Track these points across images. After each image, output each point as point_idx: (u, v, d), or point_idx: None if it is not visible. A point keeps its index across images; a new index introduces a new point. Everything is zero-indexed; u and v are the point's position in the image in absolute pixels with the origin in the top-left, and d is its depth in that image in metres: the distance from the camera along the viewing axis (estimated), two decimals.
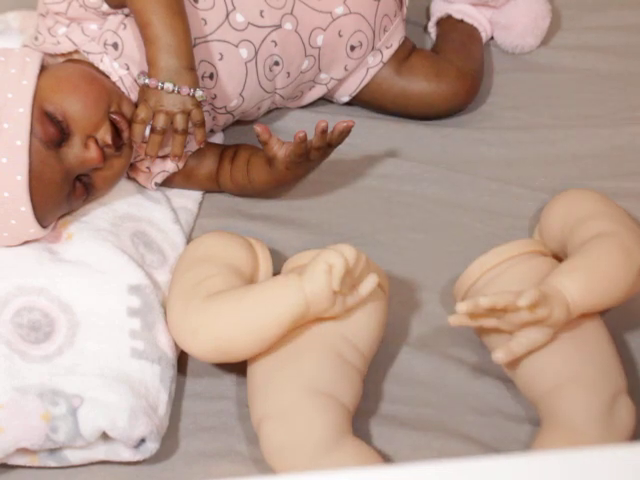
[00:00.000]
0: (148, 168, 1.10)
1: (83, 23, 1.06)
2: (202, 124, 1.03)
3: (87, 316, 0.99)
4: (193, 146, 1.10)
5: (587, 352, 0.96)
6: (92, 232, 1.04)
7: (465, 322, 0.94)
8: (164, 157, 1.09)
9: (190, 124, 1.02)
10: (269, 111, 1.22)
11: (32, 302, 0.98)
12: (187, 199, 1.14)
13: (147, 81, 1.01)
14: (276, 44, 1.12)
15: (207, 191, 1.16)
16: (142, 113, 1.01)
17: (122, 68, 1.05)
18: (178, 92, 1.01)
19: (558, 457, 0.61)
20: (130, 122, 1.02)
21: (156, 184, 1.11)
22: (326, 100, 1.25)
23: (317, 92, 1.21)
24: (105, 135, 1.01)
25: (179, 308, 0.97)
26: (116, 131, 1.02)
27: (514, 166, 1.20)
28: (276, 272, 1.04)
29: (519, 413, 0.99)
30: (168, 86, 1.00)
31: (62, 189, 1.00)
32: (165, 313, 1.00)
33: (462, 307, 0.92)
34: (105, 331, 0.98)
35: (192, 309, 0.95)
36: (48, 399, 0.92)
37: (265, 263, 1.03)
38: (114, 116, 1.02)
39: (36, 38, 1.08)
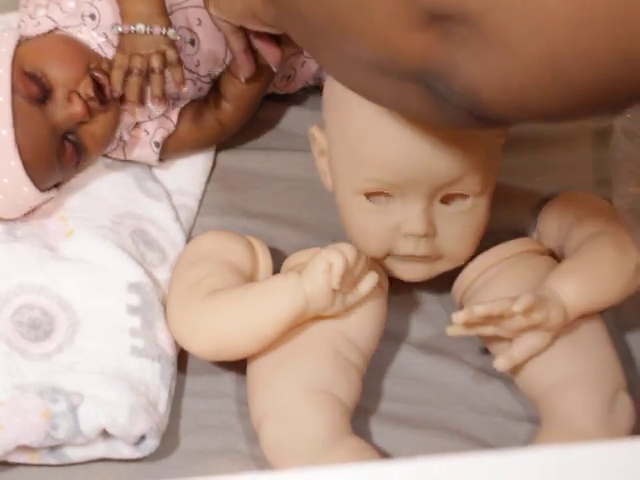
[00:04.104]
0: (146, 131, 1.11)
1: (61, 2, 1.09)
2: (179, 63, 1.05)
3: (87, 314, 0.99)
4: (180, 104, 1.11)
5: (586, 350, 0.96)
6: (92, 230, 1.04)
7: (463, 332, 0.94)
8: (156, 119, 1.10)
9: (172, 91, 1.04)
10: (267, 109, 1.21)
11: (32, 300, 0.98)
12: (187, 197, 1.14)
13: (120, 28, 1.04)
14: None
15: (213, 142, 1.17)
16: (118, 59, 1.04)
17: (100, 37, 1.08)
18: (150, 33, 1.03)
19: (557, 453, 0.61)
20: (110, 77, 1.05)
21: (157, 144, 1.11)
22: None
23: (309, 70, 1.20)
24: (87, 88, 1.03)
25: (179, 306, 0.97)
26: (98, 88, 1.04)
27: (514, 166, 1.20)
28: (276, 270, 1.04)
29: (518, 411, 0.99)
30: (140, 27, 1.03)
31: (50, 145, 1.02)
32: (165, 311, 1.00)
33: (458, 317, 0.92)
34: (105, 329, 0.98)
35: (191, 307, 0.96)
36: (48, 397, 0.92)
37: (265, 262, 1.03)
38: (95, 72, 1.04)
39: (19, 26, 1.11)
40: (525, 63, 0.62)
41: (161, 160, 1.14)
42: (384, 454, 0.95)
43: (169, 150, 1.13)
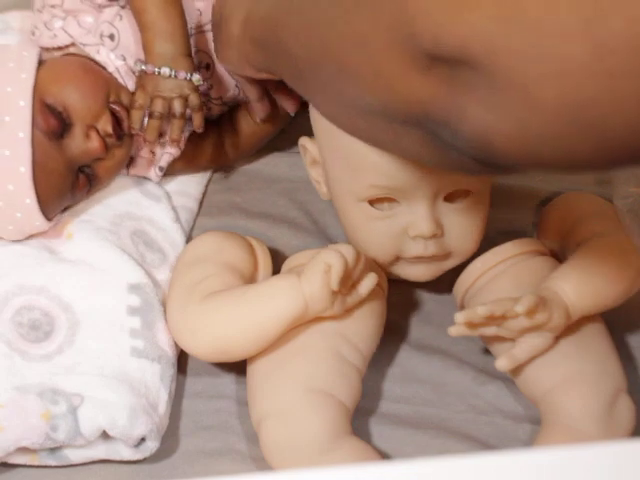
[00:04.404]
0: (152, 152, 1.11)
1: (79, 16, 1.07)
2: (200, 109, 1.04)
3: (87, 315, 0.99)
4: (190, 128, 1.10)
5: (587, 351, 0.96)
6: (92, 231, 1.04)
7: (465, 332, 0.94)
8: (164, 145, 1.10)
9: (188, 110, 1.03)
10: None
11: (32, 301, 0.98)
12: (187, 198, 1.14)
13: (144, 67, 1.02)
14: None
15: (215, 167, 1.17)
16: (140, 99, 1.02)
17: (118, 59, 1.06)
18: (175, 77, 1.01)
19: (557, 454, 0.61)
20: (129, 111, 1.03)
21: (161, 169, 1.11)
22: None
23: None
24: (106, 125, 1.02)
25: (178, 308, 0.97)
26: (116, 121, 1.03)
27: None
28: (276, 271, 1.04)
29: (518, 412, 0.99)
30: (165, 71, 1.01)
31: (66, 180, 1.01)
32: (165, 312, 1.00)
33: (460, 317, 0.92)
34: (105, 330, 0.98)
35: (191, 309, 0.95)
36: (48, 398, 0.92)
37: (264, 263, 1.03)
38: (113, 106, 1.03)
39: (33, 33, 1.09)
40: (541, 110, 0.56)
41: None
42: (384, 455, 0.96)
43: (172, 170, 1.13)
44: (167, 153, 1.10)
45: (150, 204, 1.10)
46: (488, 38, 0.55)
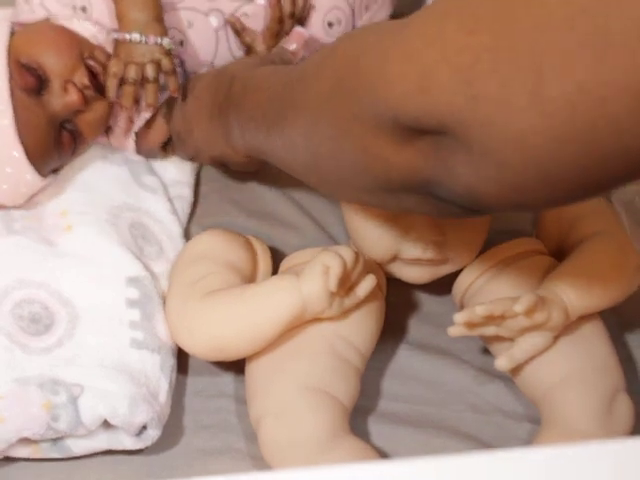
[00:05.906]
0: (131, 121, 1.13)
1: None
2: (173, 72, 1.06)
3: (87, 308, 0.99)
4: (165, 96, 1.12)
5: (586, 350, 0.96)
6: (91, 224, 1.04)
7: (464, 332, 0.94)
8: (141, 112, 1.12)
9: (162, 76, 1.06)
10: None
11: (32, 294, 0.98)
12: (182, 187, 1.15)
13: (115, 35, 1.05)
14: (248, 16, 1.13)
15: None
16: (114, 67, 1.05)
17: (92, 26, 1.09)
18: (145, 42, 1.04)
19: (557, 453, 0.61)
20: (105, 66, 1.06)
21: (136, 134, 1.13)
22: None
23: None
24: (82, 78, 1.05)
25: (177, 306, 0.97)
26: (93, 75, 1.05)
27: None
28: (275, 270, 1.04)
29: (518, 411, 0.99)
30: (135, 36, 1.04)
31: (49, 134, 1.04)
32: (164, 304, 1.00)
33: (459, 317, 0.92)
34: (105, 323, 0.98)
35: (189, 308, 0.95)
36: (48, 388, 0.92)
37: (264, 261, 1.03)
38: (88, 61, 1.06)
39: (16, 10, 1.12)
40: (510, 169, 0.64)
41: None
42: (383, 454, 0.95)
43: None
44: (141, 118, 1.12)
45: (147, 196, 1.11)
46: (459, 114, 0.64)
